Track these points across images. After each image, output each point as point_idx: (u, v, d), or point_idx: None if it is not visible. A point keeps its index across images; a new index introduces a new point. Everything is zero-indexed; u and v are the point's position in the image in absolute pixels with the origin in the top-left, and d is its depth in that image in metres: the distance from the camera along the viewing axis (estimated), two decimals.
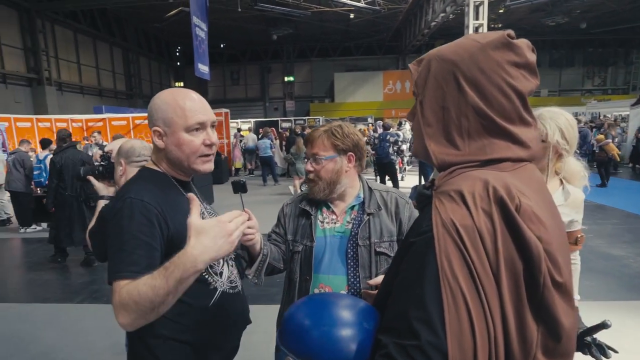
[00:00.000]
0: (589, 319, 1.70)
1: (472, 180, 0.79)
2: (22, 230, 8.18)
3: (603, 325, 1.44)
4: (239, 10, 18.58)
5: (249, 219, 1.49)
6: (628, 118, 15.58)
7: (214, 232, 1.09)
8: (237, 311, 1.56)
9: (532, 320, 0.73)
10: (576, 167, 1.99)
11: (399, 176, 10.93)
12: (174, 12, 19.38)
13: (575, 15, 20.65)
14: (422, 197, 0.89)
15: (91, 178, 2.15)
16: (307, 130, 15.74)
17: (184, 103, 1.37)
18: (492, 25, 16.93)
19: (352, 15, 21.42)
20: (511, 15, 22.09)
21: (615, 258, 5.62)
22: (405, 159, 12.81)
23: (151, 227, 1.28)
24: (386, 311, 0.81)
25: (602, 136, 11.16)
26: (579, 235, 1.98)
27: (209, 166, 1.47)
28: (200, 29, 13.89)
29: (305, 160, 1.74)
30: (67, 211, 6.00)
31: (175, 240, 1.33)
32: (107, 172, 2.14)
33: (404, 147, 10.50)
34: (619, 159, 12.49)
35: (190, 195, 1.17)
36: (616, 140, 11.97)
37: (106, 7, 20.38)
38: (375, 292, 1.34)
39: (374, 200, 1.73)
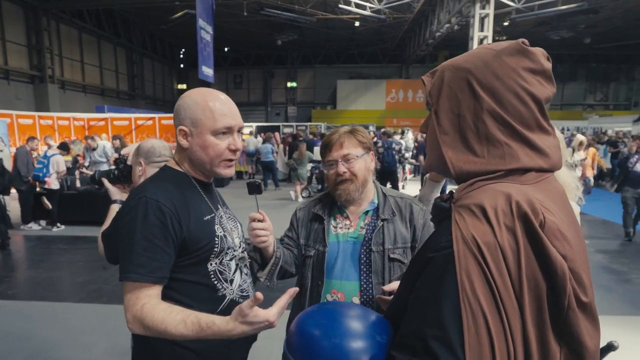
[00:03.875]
0: None
1: (493, 194, 0.76)
2: (23, 227, 8.13)
3: (610, 347, 1.39)
4: (245, 14, 18.68)
5: (263, 221, 1.50)
6: (629, 134, 15.69)
7: (259, 327, 1.14)
8: None
9: (555, 342, 0.70)
10: (567, 178, 1.94)
11: (400, 185, 10.91)
12: (179, 14, 19.46)
13: (579, 30, 20.76)
14: (439, 210, 0.85)
15: (105, 181, 2.11)
16: (310, 137, 15.75)
17: (213, 105, 1.36)
18: (497, 38, 17.01)
19: (357, 23, 21.49)
20: (516, 28, 22.19)
21: (618, 273, 5.60)
22: (407, 168, 12.80)
23: (164, 229, 1.28)
24: (401, 326, 0.78)
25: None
26: None
27: (231, 171, 1.45)
28: (206, 31, 13.95)
29: (327, 165, 1.71)
30: None
31: (188, 242, 1.33)
32: (122, 175, 2.10)
33: (407, 155, 10.49)
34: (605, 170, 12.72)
35: (258, 294, 1.17)
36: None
37: (113, 7, 20.44)
38: (390, 297, 1.34)
39: (389, 206, 1.71)
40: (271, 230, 1.52)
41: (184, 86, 32.18)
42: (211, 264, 1.41)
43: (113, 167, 2.17)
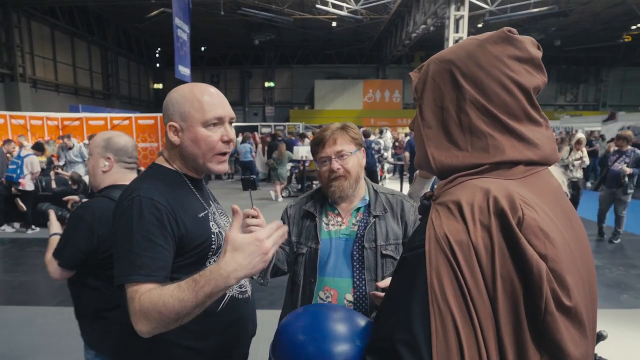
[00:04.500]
0: None
1: (472, 190, 0.72)
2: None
3: (599, 337, 1.34)
4: (222, 13, 18.54)
5: (257, 217, 1.47)
6: (598, 133, 16.18)
7: (250, 249, 1.05)
8: (247, 318, 1.51)
9: (534, 349, 0.66)
10: (554, 173, 2.02)
11: (379, 184, 10.99)
12: (155, 12, 19.17)
13: (550, 33, 21.29)
14: (423, 208, 0.82)
15: (51, 215, 2.07)
16: (289, 136, 15.75)
17: (202, 97, 1.33)
18: None
19: (334, 24, 21.57)
20: (489, 30, 22.49)
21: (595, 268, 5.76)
22: (386, 167, 12.93)
23: (161, 227, 1.24)
24: (374, 329, 0.76)
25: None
26: None
27: (224, 167, 1.42)
28: (182, 30, 13.79)
29: (319, 162, 1.70)
30: None
31: (185, 240, 1.30)
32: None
33: (386, 154, 10.61)
34: None
35: (235, 207, 1.13)
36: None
37: (86, 4, 20.02)
38: (383, 294, 1.35)
39: (380, 203, 1.71)
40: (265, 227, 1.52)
41: (160, 86, 31.74)
42: (209, 262, 1.37)
43: (65, 209, 2.12)
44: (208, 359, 1.39)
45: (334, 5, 18.33)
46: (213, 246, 1.38)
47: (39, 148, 8.45)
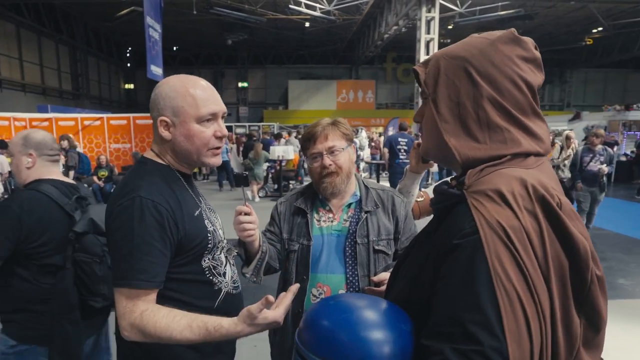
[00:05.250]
0: None
1: (507, 179, 0.77)
2: None
3: None
4: (194, 13, 18.38)
5: (249, 214, 1.45)
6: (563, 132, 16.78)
7: (266, 327, 1.16)
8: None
9: (576, 315, 0.74)
10: None
11: None
12: (125, 11, 18.85)
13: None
14: (447, 196, 0.84)
15: None
16: (264, 136, 15.77)
17: (195, 91, 1.29)
18: (442, 41, 17.72)
19: (307, 24, 21.67)
20: (459, 32, 23.13)
21: None
22: (362, 166, 13.11)
23: (161, 231, 1.22)
24: (433, 316, 0.76)
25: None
26: None
27: (218, 160, 1.40)
28: (154, 29, 13.63)
29: (311, 158, 1.69)
30: None
31: (184, 242, 1.29)
32: None
33: (362, 153, 10.78)
34: None
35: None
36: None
37: (53, 1, 19.52)
38: (380, 289, 1.36)
39: (371, 198, 1.71)
40: (257, 224, 1.47)
41: (132, 86, 31.16)
42: (204, 260, 1.37)
43: None
44: (204, 355, 1.38)
45: (307, 6, 18.44)
46: (209, 245, 1.36)
47: (4, 146, 8.18)
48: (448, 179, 0.93)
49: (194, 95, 1.28)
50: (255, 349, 3.44)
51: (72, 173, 7.41)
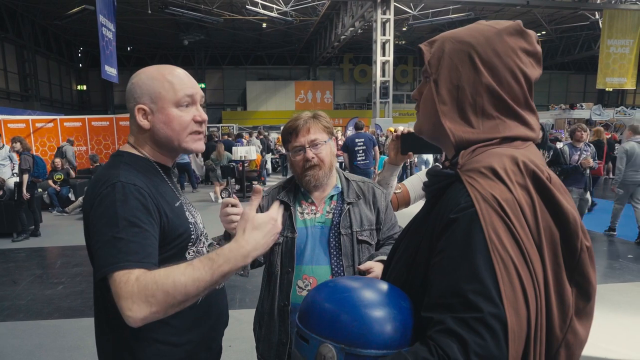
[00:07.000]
0: None
1: (498, 157, 0.81)
2: None
3: None
4: (149, 12, 18.08)
5: (236, 206, 1.44)
6: None
7: (267, 228, 1.07)
8: (223, 307, 1.49)
9: (568, 284, 0.77)
10: None
11: None
12: (76, 9, 18.24)
13: None
14: (440, 177, 0.88)
15: None
16: (224, 137, 15.70)
17: (172, 77, 1.28)
18: (397, 42, 18.26)
19: (264, 25, 21.75)
20: (413, 33, 23.95)
21: None
22: None
23: (146, 211, 1.16)
24: (432, 288, 0.78)
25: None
26: None
27: (201, 145, 1.36)
28: (107, 29, 13.30)
29: (293, 151, 1.69)
30: None
31: (167, 230, 1.24)
32: None
33: None
34: None
35: (256, 187, 1.13)
36: None
37: None
38: (368, 277, 1.38)
39: (352, 190, 1.73)
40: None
41: (84, 87, 30.20)
42: (189, 253, 1.33)
43: None
44: (190, 354, 1.34)
45: (264, 7, 18.51)
46: (192, 237, 1.33)
47: None
48: (438, 164, 1.02)
49: (171, 80, 1.27)
50: (230, 349, 3.28)
51: (26, 177, 7.13)
